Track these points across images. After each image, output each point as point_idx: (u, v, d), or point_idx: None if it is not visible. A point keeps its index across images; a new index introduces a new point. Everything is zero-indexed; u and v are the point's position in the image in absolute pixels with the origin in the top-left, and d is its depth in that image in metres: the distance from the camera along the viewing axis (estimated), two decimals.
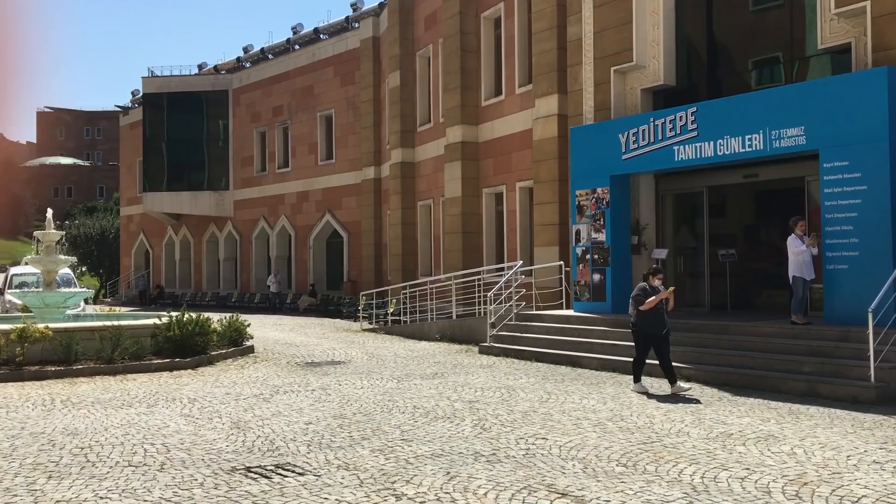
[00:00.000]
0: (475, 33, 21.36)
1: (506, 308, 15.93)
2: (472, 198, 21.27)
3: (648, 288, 10.60)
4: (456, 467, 6.68)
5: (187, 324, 13.94)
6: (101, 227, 53.41)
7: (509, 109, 20.11)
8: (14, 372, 12.10)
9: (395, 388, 11.00)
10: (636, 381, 10.73)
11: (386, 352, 15.97)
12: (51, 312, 15.68)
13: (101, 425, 8.53)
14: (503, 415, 8.98)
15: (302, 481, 6.29)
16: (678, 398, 10.02)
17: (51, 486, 6.19)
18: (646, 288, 10.61)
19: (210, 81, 38.58)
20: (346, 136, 31.82)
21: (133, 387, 11.33)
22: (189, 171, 38.65)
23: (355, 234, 31.22)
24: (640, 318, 10.56)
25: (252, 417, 8.96)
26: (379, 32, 29.63)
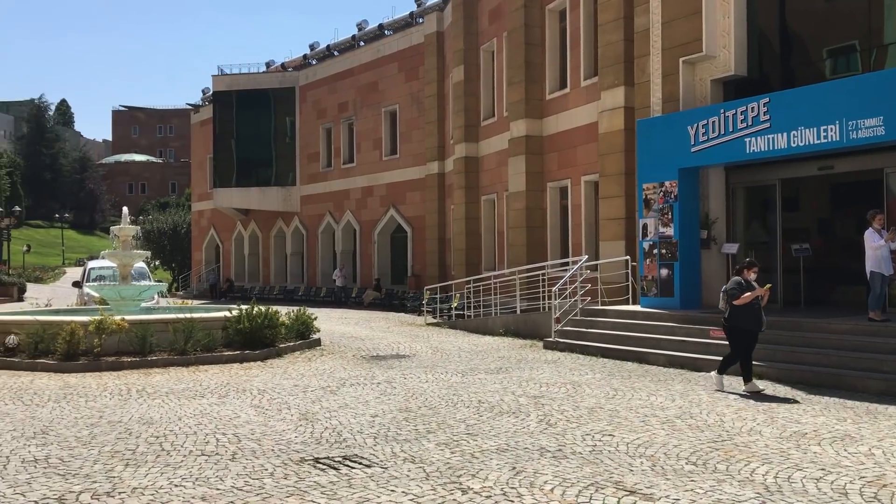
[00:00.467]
0: (540, 26, 21.19)
1: (571, 303, 15.80)
2: (537, 192, 21.13)
3: (744, 282, 10.18)
4: (521, 462, 6.66)
5: (257, 317, 14.22)
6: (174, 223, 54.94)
7: (574, 102, 19.91)
8: (92, 362, 12.54)
9: (460, 383, 11.02)
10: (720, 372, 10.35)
11: (450, 346, 16.02)
12: (126, 305, 16.17)
13: (175, 415, 8.78)
14: (569, 410, 8.91)
15: (369, 473, 6.36)
16: (750, 396, 9.79)
17: (128, 473, 6.39)
18: (741, 282, 10.17)
19: (277, 79, 39.23)
20: (410, 131, 31.99)
21: (205, 378, 11.62)
22: (257, 167, 39.40)
23: (419, 229, 31.37)
24: (735, 315, 10.11)
25: (320, 409, 9.09)
26: (443, 27, 29.67)
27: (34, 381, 11.37)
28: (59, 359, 12.59)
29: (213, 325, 14.27)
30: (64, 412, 8.95)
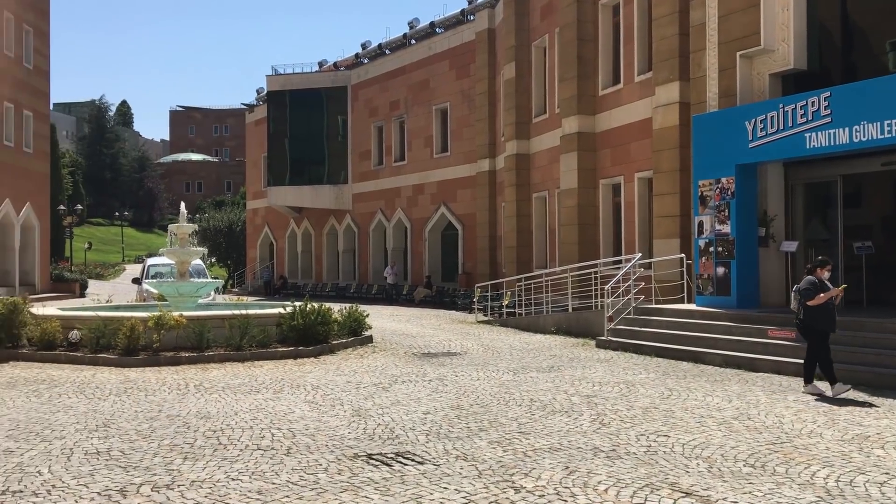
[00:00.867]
0: (592, 21, 20.98)
1: (624, 301, 15.62)
2: (589, 189, 20.94)
3: (818, 282, 9.87)
4: (575, 462, 6.61)
5: (310, 314, 14.38)
6: (229, 220, 55.92)
7: (628, 98, 19.67)
8: (151, 357, 12.84)
9: (512, 381, 10.99)
10: (807, 382, 9.96)
11: (501, 344, 15.98)
12: (184, 301, 16.51)
13: (232, 410, 8.93)
14: (622, 410, 8.81)
15: (422, 470, 6.38)
16: (810, 398, 9.55)
17: (186, 466, 6.52)
18: (815, 282, 9.85)
19: (330, 78, 39.62)
20: (461, 128, 31.99)
21: (260, 373, 11.80)
22: (310, 165, 39.86)
23: (470, 227, 31.37)
24: (811, 315, 9.80)
25: (372, 406, 9.16)
26: (494, 24, 29.59)
27: (96, 375, 11.69)
28: (119, 354, 12.92)
29: (267, 321, 14.48)
30: (125, 406, 9.18)
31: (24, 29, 35.04)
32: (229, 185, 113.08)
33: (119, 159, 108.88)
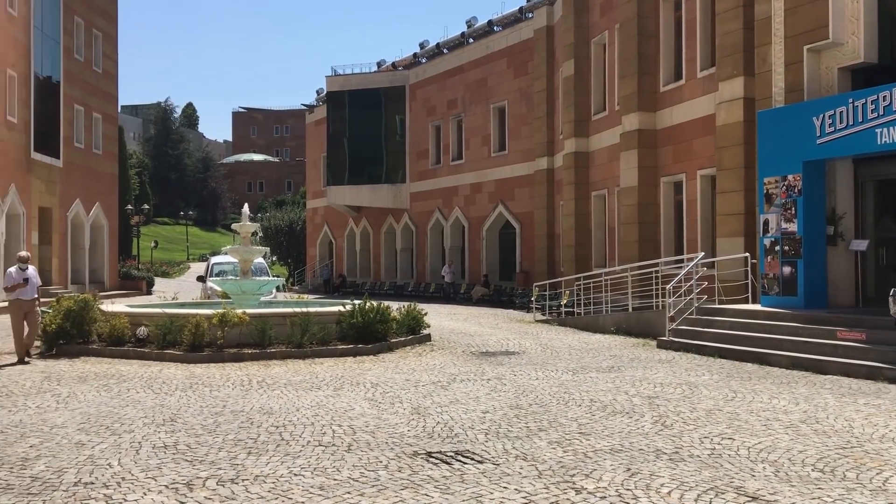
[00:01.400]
0: (653, 17, 20.67)
1: (686, 301, 15.35)
2: (650, 187, 20.64)
3: None
4: (637, 464, 6.52)
5: (369, 312, 14.49)
6: (290, 220, 56.80)
7: (690, 94, 19.32)
8: (215, 353, 13.11)
9: (571, 381, 10.90)
10: None
11: (560, 343, 15.87)
12: (247, 299, 16.81)
13: (293, 406, 9.06)
14: (685, 412, 8.66)
15: (481, 469, 6.37)
16: (881, 401, 9.23)
17: (250, 461, 6.64)
18: None
19: (388, 78, 39.89)
20: (518, 127, 31.88)
21: (320, 370, 11.95)
22: (368, 165, 40.21)
23: (528, 225, 31.24)
24: None
25: (431, 404, 9.19)
26: (553, 21, 29.40)
27: (162, 370, 11.99)
28: (185, 350, 13.22)
29: (327, 319, 14.65)
30: (190, 401, 9.40)
31: (93, 34, 36.16)
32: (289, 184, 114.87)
33: (184, 160, 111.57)
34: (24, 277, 13.07)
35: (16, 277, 13.08)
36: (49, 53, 31.21)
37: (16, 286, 13.01)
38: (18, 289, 13.01)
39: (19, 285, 13.00)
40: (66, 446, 7.11)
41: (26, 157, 29.07)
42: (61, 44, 32.19)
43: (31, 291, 13.21)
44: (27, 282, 13.07)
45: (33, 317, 13.28)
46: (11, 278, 13.14)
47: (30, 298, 13.17)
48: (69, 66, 33.16)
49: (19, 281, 13.02)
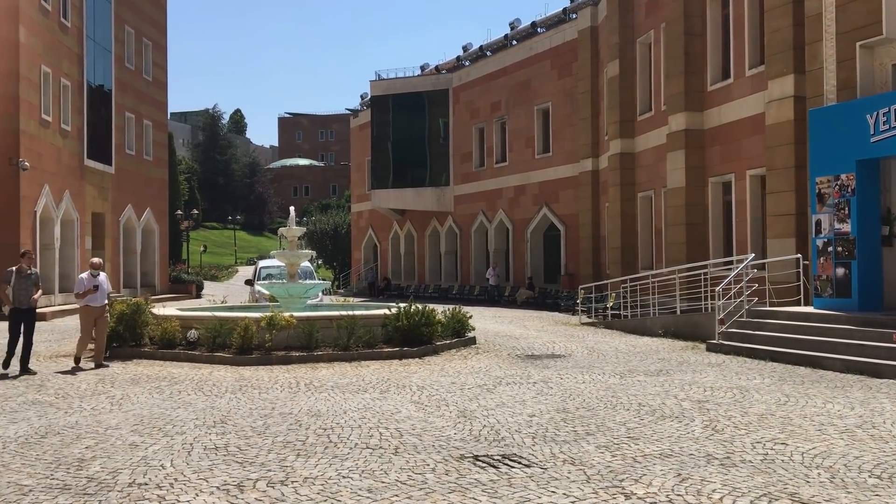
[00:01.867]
0: (700, 15, 20.38)
1: (736, 304, 15.09)
2: (697, 188, 20.34)
3: None
4: (687, 469, 6.42)
5: (414, 315, 14.54)
6: (335, 223, 57.26)
7: (738, 93, 19.01)
8: (264, 356, 13.27)
9: (618, 384, 10.79)
10: None
11: (606, 346, 15.72)
12: (294, 302, 17.00)
13: (341, 408, 9.13)
14: (736, 416, 8.51)
15: (529, 473, 6.34)
16: None
17: (299, 463, 6.71)
18: None
19: (431, 81, 40.01)
20: (562, 128, 31.70)
21: (366, 373, 12.02)
22: (412, 168, 40.37)
23: (572, 227, 31.03)
24: None
25: (477, 407, 9.17)
26: (597, 22, 29.18)
27: (213, 373, 12.18)
28: (234, 352, 13.41)
29: (373, 322, 14.73)
30: (240, 403, 9.53)
31: (143, 42, 36.95)
32: (334, 188, 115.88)
33: (231, 165, 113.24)
34: (95, 284, 13.20)
35: (87, 283, 13.21)
36: (101, 62, 31.99)
37: (86, 292, 13.12)
38: (89, 295, 13.13)
39: (89, 291, 13.12)
40: (120, 447, 7.27)
41: (80, 163, 29.81)
42: (113, 53, 32.97)
43: (101, 298, 13.34)
44: (97, 288, 13.19)
45: (103, 323, 13.42)
46: (83, 284, 13.27)
47: (99, 305, 13.30)
48: (120, 75, 33.94)
49: (90, 287, 13.14)
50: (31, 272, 12.55)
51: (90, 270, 13.50)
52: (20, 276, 12.34)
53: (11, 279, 12.26)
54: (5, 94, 24.38)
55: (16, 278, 12.29)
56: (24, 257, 12.76)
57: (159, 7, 39.54)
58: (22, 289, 12.29)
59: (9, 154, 24.14)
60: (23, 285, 12.30)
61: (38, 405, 9.46)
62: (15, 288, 12.23)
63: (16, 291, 12.24)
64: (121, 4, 34.13)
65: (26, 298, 12.31)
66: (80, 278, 13.54)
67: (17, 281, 12.29)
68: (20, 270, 12.40)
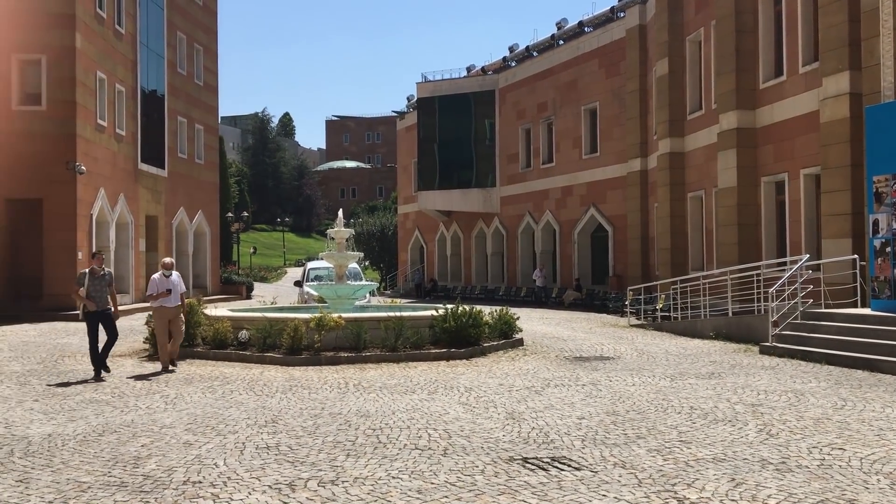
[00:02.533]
0: (751, 12, 20.01)
1: (790, 306, 14.77)
2: (749, 187, 19.97)
3: None
4: (741, 474, 6.30)
5: (462, 316, 14.54)
6: (381, 225, 57.62)
7: (791, 91, 18.61)
8: (313, 357, 13.40)
9: (669, 387, 10.65)
10: None
11: (656, 349, 15.53)
12: (342, 303, 17.13)
13: (389, 409, 9.17)
14: (791, 421, 8.32)
15: (579, 476, 6.29)
16: None
17: (349, 463, 6.75)
18: None
19: (478, 83, 40.00)
20: (610, 128, 31.42)
21: (414, 374, 12.06)
22: (459, 169, 40.40)
23: (620, 228, 30.73)
24: None
25: (525, 409, 9.13)
26: (645, 20, 28.86)
27: (263, 373, 12.34)
28: (284, 353, 13.58)
29: (420, 323, 14.78)
30: (290, 403, 9.64)
31: (195, 48, 37.65)
32: (381, 190, 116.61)
33: (280, 168, 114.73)
34: (168, 287, 12.91)
35: (159, 285, 12.92)
36: (154, 68, 32.68)
37: (159, 294, 12.86)
38: (162, 297, 12.87)
39: (162, 294, 12.86)
40: (174, 446, 7.41)
41: (134, 167, 30.49)
42: (165, 58, 33.66)
43: (175, 298, 13.03)
44: (170, 292, 12.91)
45: (177, 324, 13.12)
46: (155, 285, 12.98)
47: (173, 305, 13.02)
48: (173, 80, 34.63)
49: (163, 289, 12.87)
50: (104, 273, 12.25)
51: (162, 271, 13.17)
52: (93, 278, 12.07)
53: (85, 281, 11.99)
54: (63, 100, 25.05)
55: (89, 280, 12.02)
56: (95, 258, 12.47)
57: (210, 13, 40.25)
58: (97, 290, 12.03)
59: (66, 158, 24.80)
60: (97, 287, 12.04)
61: (95, 404, 9.69)
62: (89, 290, 11.96)
63: (90, 293, 11.97)
64: (173, 11, 34.84)
65: (102, 300, 12.08)
66: (153, 279, 13.18)
67: (91, 282, 12.02)
68: (93, 272, 12.12)
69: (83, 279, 12.03)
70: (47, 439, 7.70)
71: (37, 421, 8.61)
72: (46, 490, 6.01)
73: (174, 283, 13.05)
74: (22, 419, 8.71)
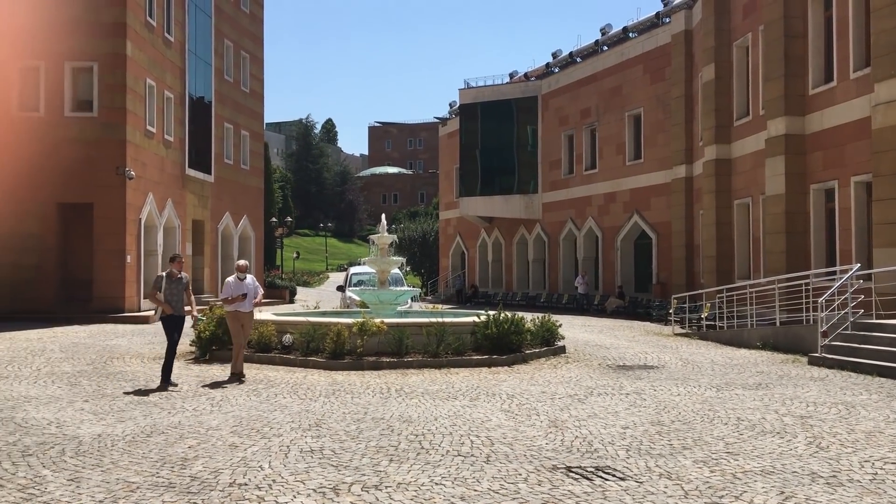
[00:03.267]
0: (801, 16, 19.66)
1: (840, 316, 14.44)
2: (798, 195, 19.59)
3: None
4: (790, 487, 6.18)
5: (503, 322, 14.50)
6: (422, 231, 57.81)
7: (842, 97, 18.23)
8: (355, 361, 13.47)
9: (715, 398, 10.48)
10: None
11: (701, 358, 15.31)
12: (384, 308, 17.20)
13: (431, 415, 9.18)
14: (842, 433, 8.13)
15: (624, 486, 6.22)
16: None
17: (392, 468, 6.77)
18: None
19: (520, 89, 39.93)
20: (654, 134, 31.11)
21: (456, 380, 12.05)
22: (500, 175, 40.35)
23: (664, 235, 30.38)
24: None
25: (568, 417, 9.07)
26: (691, 26, 28.55)
27: (306, 377, 12.44)
28: (326, 357, 13.66)
29: (462, 329, 14.76)
30: (333, 407, 9.70)
31: (241, 55, 38.23)
32: (422, 195, 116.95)
33: (323, 174, 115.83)
34: (243, 292, 12.42)
35: (235, 289, 12.41)
36: (202, 75, 33.25)
37: (235, 299, 12.35)
38: (237, 302, 12.37)
39: (237, 299, 12.34)
40: (220, 448, 7.50)
41: (182, 173, 31.03)
42: (212, 66, 34.22)
43: (249, 303, 12.54)
44: (245, 296, 12.43)
45: (247, 329, 12.76)
46: (230, 289, 12.46)
47: (248, 310, 12.57)
48: (220, 87, 35.20)
49: (237, 294, 12.36)
50: (181, 277, 11.84)
51: (237, 274, 12.68)
52: (171, 282, 11.68)
53: (162, 285, 11.62)
54: (113, 106, 25.61)
55: (166, 283, 11.63)
56: (173, 262, 11.99)
57: (257, 21, 40.84)
58: (174, 294, 11.65)
59: (116, 163, 25.34)
60: (174, 290, 11.66)
61: (143, 405, 9.87)
62: (166, 293, 11.58)
63: (167, 297, 11.59)
64: (220, 19, 35.43)
65: (179, 304, 11.73)
66: (227, 282, 12.68)
67: (168, 286, 11.63)
68: (171, 275, 11.75)
69: (160, 283, 11.71)
70: (97, 439, 7.86)
71: (87, 421, 8.79)
72: (97, 489, 6.13)
73: (249, 287, 12.56)
74: (72, 419, 8.90)
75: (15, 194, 24.71)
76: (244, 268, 12.81)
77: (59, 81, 25.42)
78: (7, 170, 24.17)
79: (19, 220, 24.98)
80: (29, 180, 24.54)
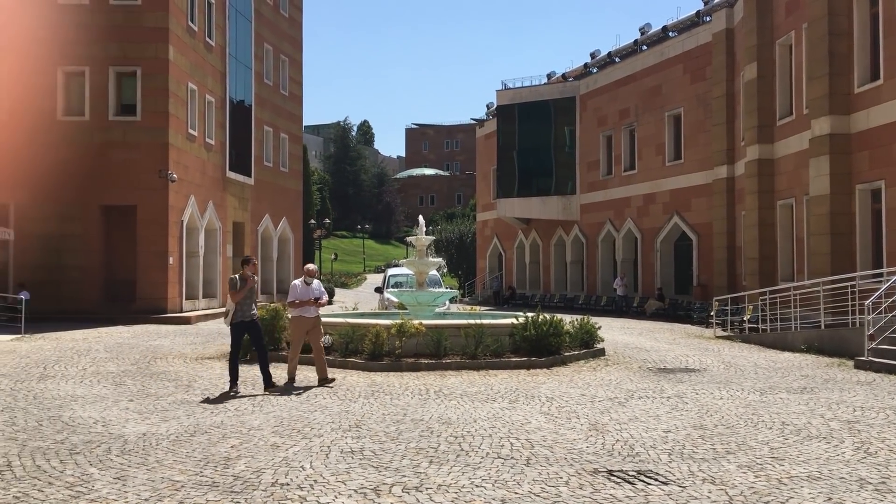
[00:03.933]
0: (846, 14, 19.27)
1: (887, 318, 14.11)
2: (843, 195, 19.20)
3: None
4: (838, 493, 6.05)
5: (542, 324, 14.42)
6: (460, 232, 57.80)
7: (889, 95, 17.82)
8: (394, 362, 13.51)
9: (759, 402, 10.31)
10: None
11: (744, 361, 15.07)
12: (422, 310, 17.23)
13: (470, 417, 9.16)
14: (891, 439, 7.95)
15: (667, 491, 6.15)
16: None
17: (432, 469, 6.77)
18: None
19: (558, 89, 39.74)
20: (695, 134, 30.73)
21: (495, 382, 12.01)
22: (538, 176, 40.19)
23: (705, 237, 29.99)
24: None
25: (609, 420, 8.99)
26: (732, 24, 28.15)
27: (346, 377, 12.50)
28: (365, 358, 13.72)
29: (500, 331, 14.72)
30: (373, 408, 9.73)
31: (280, 59, 38.62)
32: (459, 197, 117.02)
33: (360, 176, 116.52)
34: (317, 296, 12.03)
35: (301, 293, 11.95)
36: (242, 79, 33.67)
37: (303, 303, 11.92)
38: (303, 307, 11.96)
39: (306, 302, 11.91)
40: (262, 448, 7.57)
41: (222, 175, 31.44)
42: (252, 70, 34.64)
43: (315, 309, 12.10)
44: (317, 300, 12.03)
45: (316, 334, 12.12)
46: (296, 292, 11.98)
47: (313, 316, 12.09)
48: (259, 91, 35.60)
49: (306, 298, 11.93)
50: (253, 278, 11.53)
51: (304, 277, 12.18)
52: (244, 286, 11.37)
53: (237, 285, 11.30)
54: (156, 110, 26.05)
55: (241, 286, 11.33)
56: (247, 265, 11.65)
57: (296, 25, 41.22)
58: (245, 299, 11.33)
59: (159, 166, 25.76)
60: (246, 295, 11.35)
61: (186, 405, 10.00)
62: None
63: (238, 302, 11.30)
64: (260, 24, 35.83)
65: (250, 309, 11.44)
66: (294, 285, 12.16)
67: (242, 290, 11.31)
68: (244, 278, 11.42)
69: (236, 284, 11.33)
70: (142, 438, 7.98)
71: (132, 420, 8.94)
72: (142, 487, 6.23)
73: (315, 292, 12.08)
74: (118, 418, 9.06)
75: (60, 197, 25.29)
76: (313, 272, 12.35)
77: (103, 86, 25.92)
78: (53, 173, 24.74)
79: (64, 222, 25.54)
80: (74, 183, 25.11)
